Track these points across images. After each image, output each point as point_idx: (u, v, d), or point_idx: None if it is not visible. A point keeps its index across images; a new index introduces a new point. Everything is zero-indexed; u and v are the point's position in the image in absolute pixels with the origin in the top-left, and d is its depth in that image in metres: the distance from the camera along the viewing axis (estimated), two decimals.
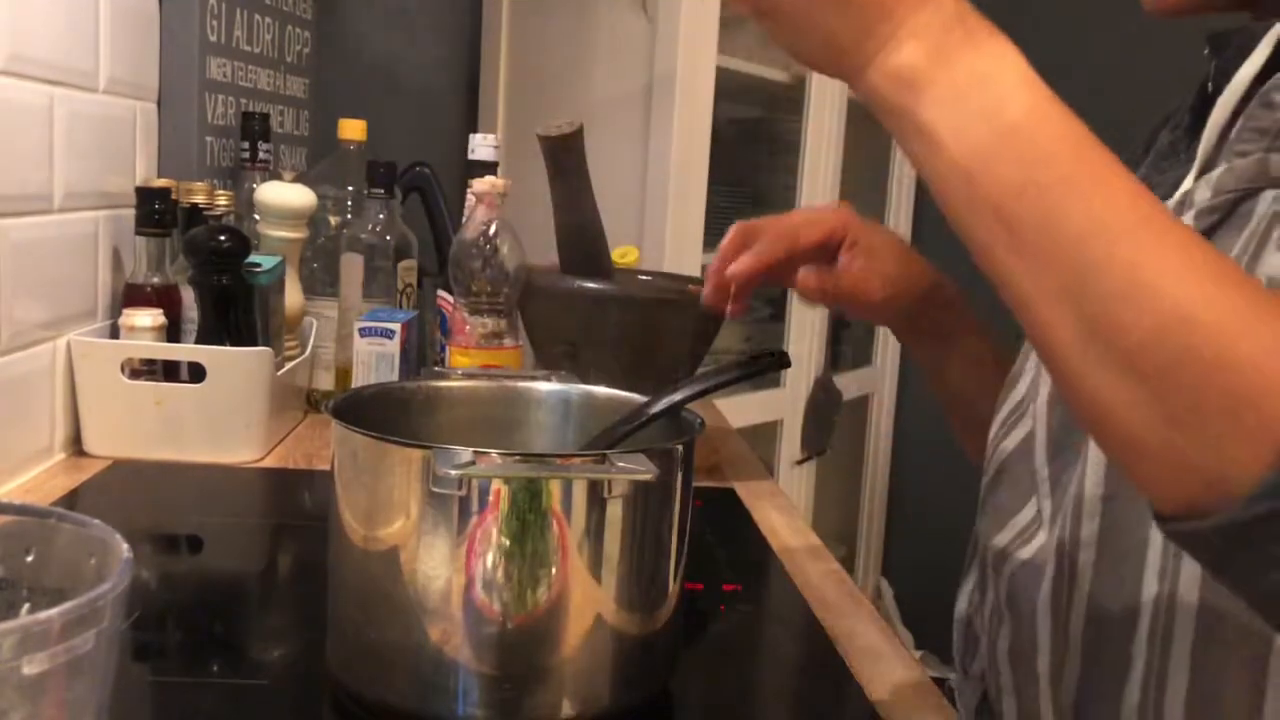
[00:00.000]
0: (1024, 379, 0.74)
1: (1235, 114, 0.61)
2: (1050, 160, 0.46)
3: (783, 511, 1.07)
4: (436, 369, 1.26)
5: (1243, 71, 0.62)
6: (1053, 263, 0.45)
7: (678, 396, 0.70)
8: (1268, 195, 0.58)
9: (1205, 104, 0.69)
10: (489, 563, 0.58)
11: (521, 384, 0.77)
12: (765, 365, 0.72)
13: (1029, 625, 0.69)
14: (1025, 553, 0.70)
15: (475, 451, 0.56)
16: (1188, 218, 0.60)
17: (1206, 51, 0.69)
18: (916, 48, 0.47)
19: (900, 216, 2.70)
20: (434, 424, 0.74)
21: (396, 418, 0.71)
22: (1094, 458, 0.63)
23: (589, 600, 0.60)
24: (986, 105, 0.46)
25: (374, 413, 0.68)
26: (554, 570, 0.59)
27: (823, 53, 0.50)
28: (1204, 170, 0.62)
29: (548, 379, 0.77)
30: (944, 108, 0.47)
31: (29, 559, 0.44)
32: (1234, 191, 0.59)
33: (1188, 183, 0.63)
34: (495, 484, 0.57)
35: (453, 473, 0.56)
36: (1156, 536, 0.60)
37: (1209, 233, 0.59)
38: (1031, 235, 0.45)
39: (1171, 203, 0.62)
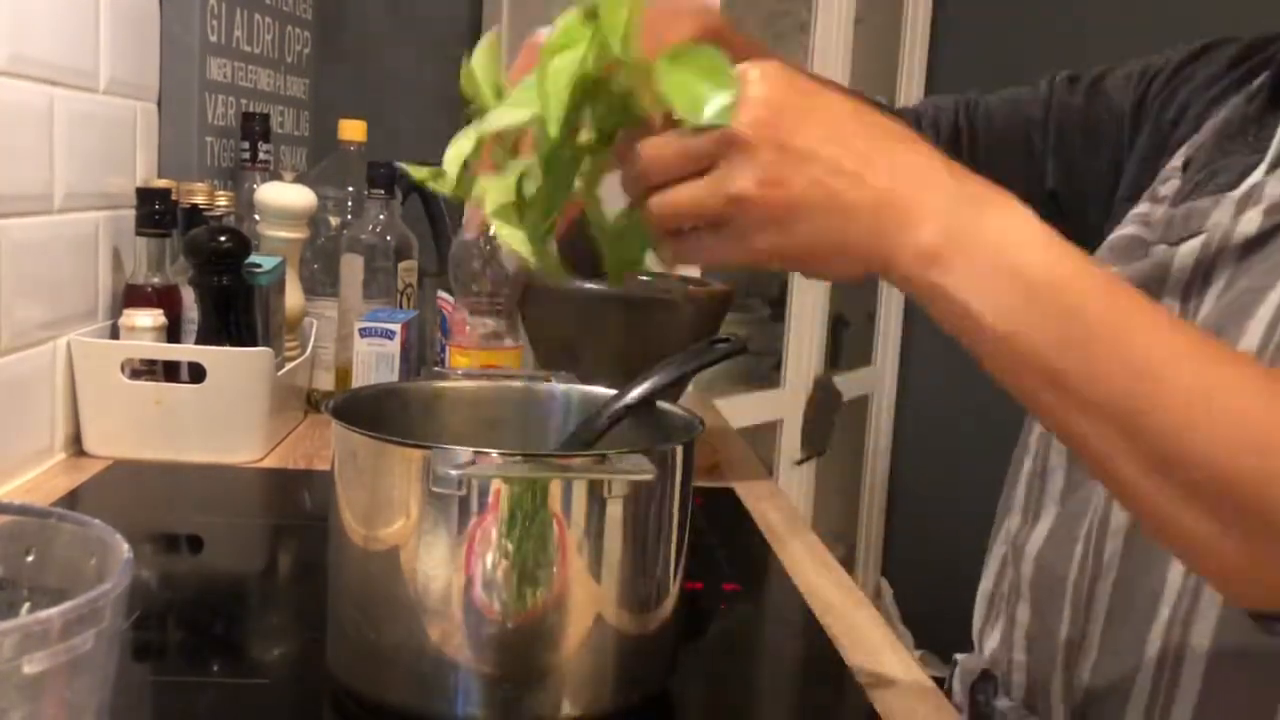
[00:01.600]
0: None
1: None
2: (1081, 312, 0.47)
3: (783, 511, 1.07)
4: (436, 369, 1.26)
5: None
6: (1105, 408, 0.47)
7: (646, 387, 0.69)
8: None
9: (1275, 97, 0.68)
10: (489, 563, 0.58)
11: (521, 384, 0.77)
12: (726, 352, 0.72)
13: (1050, 608, 0.68)
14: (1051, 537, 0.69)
15: (475, 451, 0.57)
16: (1256, 212, 0.59)
17: None
18: (931, 231, 0.48)
19: None
20: (434, 424, 0.74)
21: (396, 418, 0.71)
22: None
23: (589, 600, 0.60)
24: (1009, 272, 0.47)
25: (374, 413, 0.68)
26: (554, 570, 0.59)
27: (849, 267, 0.50)
28: (1276, 162, 0.61)
29: (547, 379, 0.77)
30: (970, 282, 0.48)
31: (29, 559, 0.44)
32: None
33: (1258, 173, 0.61)
34: (495, 484, 0.57)
35: (453, 473, 0.56)
36: None
37: (1277, 228, 0.58)
38: (1080, 385, 0.47)
39: (1238, 194, 0.61)
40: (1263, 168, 0.62)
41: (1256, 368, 0.49)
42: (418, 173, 0.57)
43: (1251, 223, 0.59)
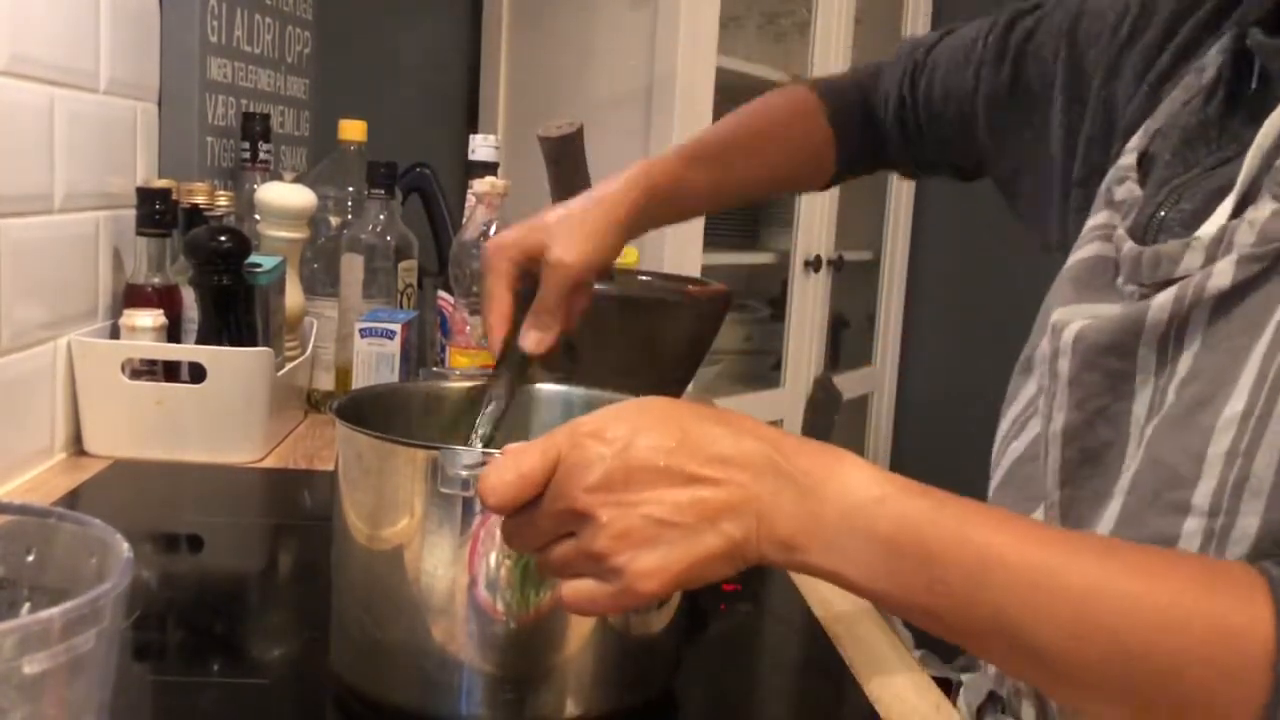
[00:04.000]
0: (1033, 379, 0.72)
1: None
2: (940, 557, 0.50)
3: None
4: (435, 369, 1.26)
5: None
6: (987, 635, 0.50)
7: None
8: None
9: (1240, 79, 0.66)
10: (492, 562, 0.59)
11: (530, 385, 0.77)
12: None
13: None
14: None
15: (483, 452, 0.57)
16: (1227, 263, 0.57)
17: (1255, 29, 0.65)
18: (780, 523, 0.51)
19: (900, 218, 2.70)
20: (437, 425, 0.74)
21: (400, 418, 0.71)
22: (1109, 514, 0.61)
23: None
24: (863, 536, 0.50)
25: (378, 413, 0.68)
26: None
27: (730, 567, 0.52)
28: (1244, 197, 0.59)
29: (550, 381, 0.77)
30: (830, 555, 0.51)
31: (29, 559, 0.44)
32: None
33: (1226, 207, 0.60)
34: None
35: (461, 473, 0.56)
36: None
37: (1250, 281, 0.57)
38: (956, 622, 0.50)
39: (1207, 239, 0.59)
40: (1229, 202, 0.60)
41: (1117, 551, 0.52)
42: None
43: (1224, 275, 0.57)
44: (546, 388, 0.77)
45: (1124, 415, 0.62)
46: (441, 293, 1.36)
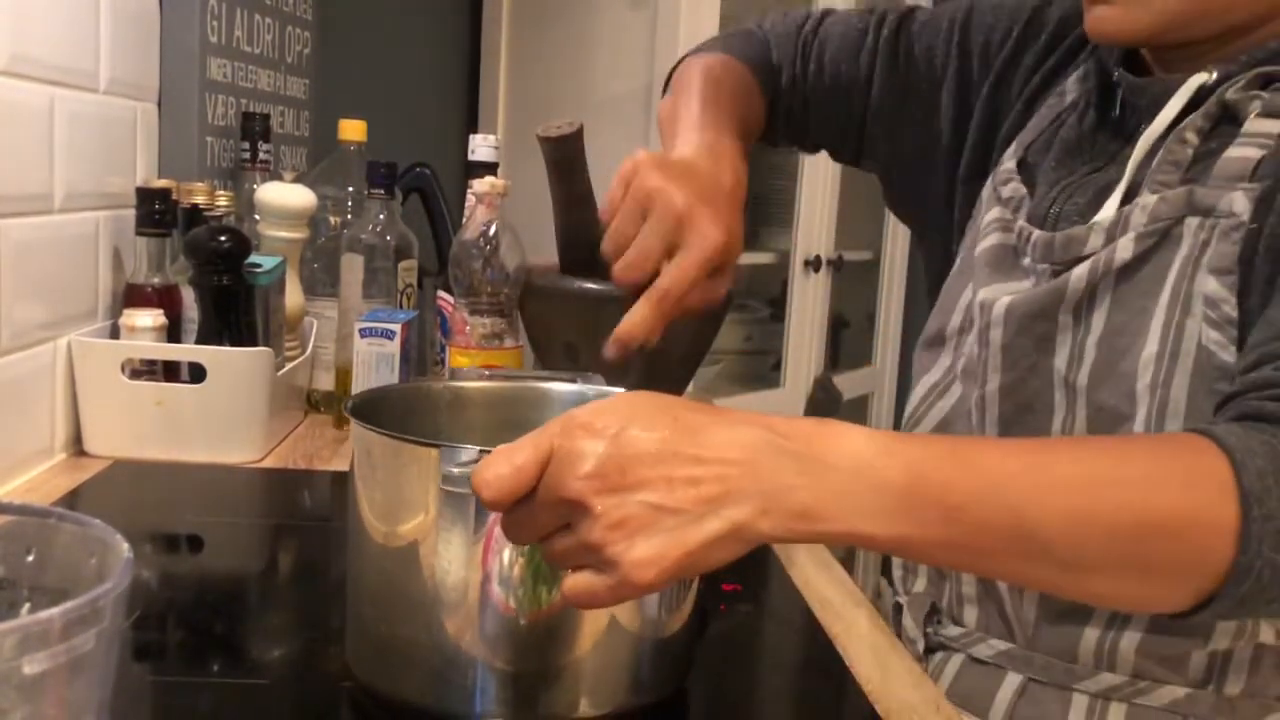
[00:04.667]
0: (945, 351, 0.84)
1: (1152, 151, 0.74)
2: (949, 488, 0.53)
3: None
4: (454, 369, 1.25)
5: (1162, 116, 0.74)
6: (1003, 549, 0.54)
7: None
8: (1192, 222, 0.70)
9: (1105, 105, 0.81)
10: (505, 560, 0.59)
11: (540, 385, 0.77)
12: None
13: None
14: None
15: (480, 450, 0.57)
16: (1127, 240, 0.72)
17: (1121, 71, 0.80)
18: (791, 497, 0.51)
19: None
20: (453, 423, 0.74)
21: (416, 417, 0.71)
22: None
23: None
24: (876, 489, 0.53)
25: (393, 412, 0.68)
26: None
27: (734, 550, 0.52)
28: (1128, 194, 0.74)
29: (572, 380, 0.77)
30: (849, 514, 0.52)
31: (29, 559, 0.44)
32: (1168, 220, 0.71)
33: (1115, 199, 0.74)
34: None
35: (455, 470, 0.56)
36: None
37: (1149, 252, 0.71)
38: (975, 544, 0.54)
39: (1106, 222, 0.73)
40: (1117, 196, 0.74)
41: (1096, 448, 0.60)
42: None
43: (1126, 249, 0.72)
44: (546, 387, 0.77)
45: (1048, 369, 0.75)
46: (441, 293, 1.36)
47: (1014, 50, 0.90)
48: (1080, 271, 0.73)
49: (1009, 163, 0.85)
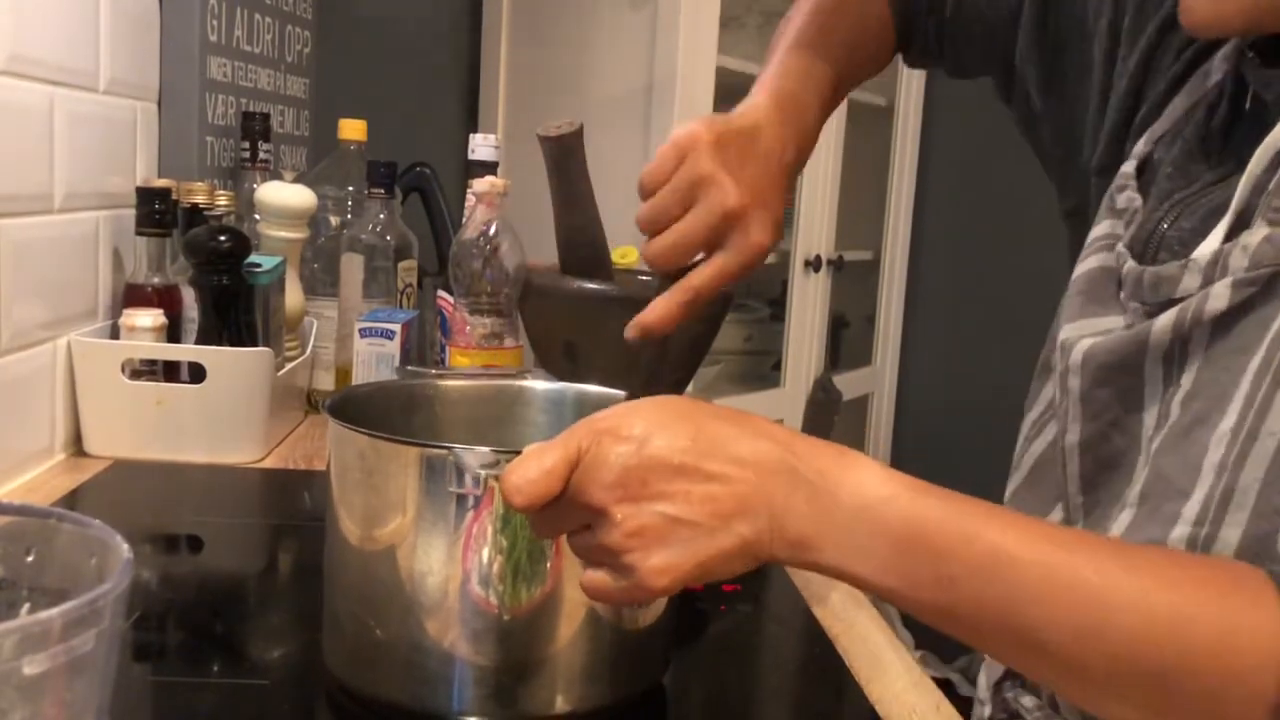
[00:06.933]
0: (1050, 382, 0.72)
1: (1273, 165, 0.59)
2: (949, 554, 0.51)
3: None
4: (410, 368, 1.25)
5: None
6: (995, 632, 0.51)
7: None
8: None
9: (1241, 95, 0.66)
10: (485, 558, 0.59)
11: (516, 383, 0.77)
12: None
13: None
14: None
15: (495, 450, 0.58)
16: (1223, 286, 0.59)
17: (1251, 55, 0.65)
18: (792, 521, 0.51)
19: (900, 217, 2.70)
20: (429, 422, 0.74)
21: (392, 416, 0.71)
22: (1122, 521, 0.62)
23: (582, 595, 0.60)
24: (874, 533, 0.51)
25: (371, 411, 0.68)
26: (548, 565, 0.60)
27: (742, 565, 0.53)
28: (1238, 220, 0.60)
29: (537, 378, 0.78)
30: (843, 553, 0.52)
31: (29, 559, 0.44)
32: (1272, 266, 0.57)
33: (1220, 230, 0.61)
34: (490, 481, 0.58)
35: (482, 473, 0.57)
36: None
37: (1244, 304, 0.58)
38: (965, 618, 0.51)
39: (1204, 262, 0.60)
40: (1223, 225, 0.61)
41: (1120, 555, 0.52)
42: None
43: (1221, 298, 0.59)
44: (545, 386, 0.77)
45: (1136, 424, 0.64)
46: (441, 292, 1.36)
47: (1172, 11, 0.70)
48: (1166, 320, 0.61)
49: (1129, 164, 0.71)
